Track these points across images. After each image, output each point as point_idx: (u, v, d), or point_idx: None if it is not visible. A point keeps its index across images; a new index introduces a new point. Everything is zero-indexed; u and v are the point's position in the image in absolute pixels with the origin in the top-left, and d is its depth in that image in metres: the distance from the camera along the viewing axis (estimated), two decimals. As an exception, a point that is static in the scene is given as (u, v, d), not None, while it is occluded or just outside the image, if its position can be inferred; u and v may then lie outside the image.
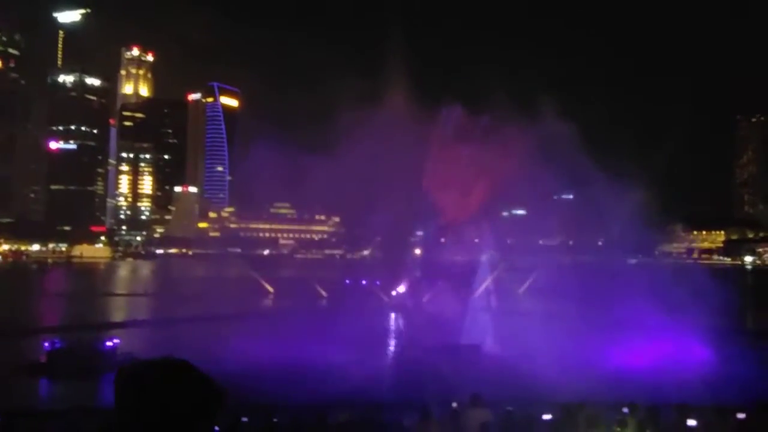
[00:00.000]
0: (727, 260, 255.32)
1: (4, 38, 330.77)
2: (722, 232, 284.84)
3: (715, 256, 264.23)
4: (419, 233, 76.10)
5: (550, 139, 48.78)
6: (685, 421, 14.37)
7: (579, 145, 48.81)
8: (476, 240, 62.87)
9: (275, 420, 15.80)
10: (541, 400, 18.21)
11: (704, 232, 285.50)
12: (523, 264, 63.93)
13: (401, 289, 59.73)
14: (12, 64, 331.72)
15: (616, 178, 49.57)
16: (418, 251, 73.21)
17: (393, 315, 56.38)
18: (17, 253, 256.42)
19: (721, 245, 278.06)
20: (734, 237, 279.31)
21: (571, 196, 69.71)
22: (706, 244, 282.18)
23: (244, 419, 15.27)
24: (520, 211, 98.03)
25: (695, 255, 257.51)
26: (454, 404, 16.14)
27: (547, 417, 15.57)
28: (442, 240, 75.55)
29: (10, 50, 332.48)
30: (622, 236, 53.72)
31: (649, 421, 14.11)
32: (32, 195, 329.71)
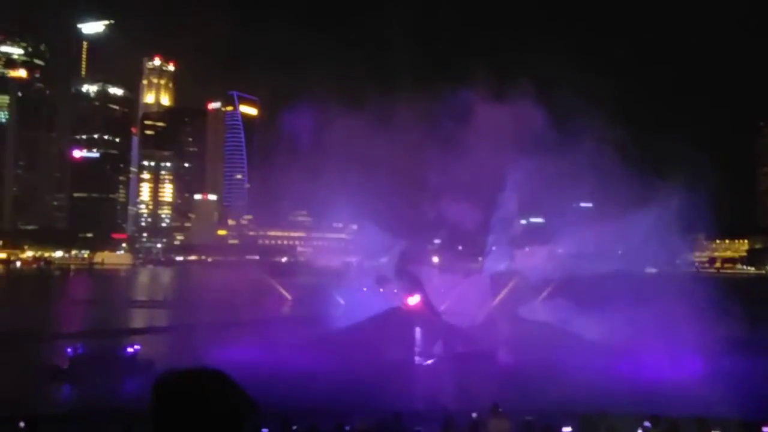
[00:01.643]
0: (751, 269, 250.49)
1: (30, 49, 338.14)
2: (745, 241, 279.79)
3: (738, 266, 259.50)
4: (436, 241, 75.87)
5: (571, 146, 48.38)
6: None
7: (601, 153, 48.33)
8: (493, 248, 62.51)
9: (294, 428, 15.87)
10: (559, 411, 18.05)
11: (727, 241, 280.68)
12: (542, 273, 63.37)
13: (417, 297, 59.50)
14: (37, 75, 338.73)
15: (636, 186, 49.03)
16: (435, 259, 72.96)
17: (408, 323, 56.13)
18: (35, 260, 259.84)
19: (745, 254, 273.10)
20: (758, 246, 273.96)
21: (590, 205, 69.03)
22: (728, 253, 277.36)
23: (264, 430, 15.36)
24: (539, 219, 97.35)
25: (718, 264, 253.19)
26: (474, 414, 16.08)
27: (567, 429, 15.44)
28: (460, 248, 75.06)
29: (36, 61, 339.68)
30: (642, 245, 53.02)
31: (670, 433, 13.93)
32: (56, 203, 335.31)
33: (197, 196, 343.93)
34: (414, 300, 49.98)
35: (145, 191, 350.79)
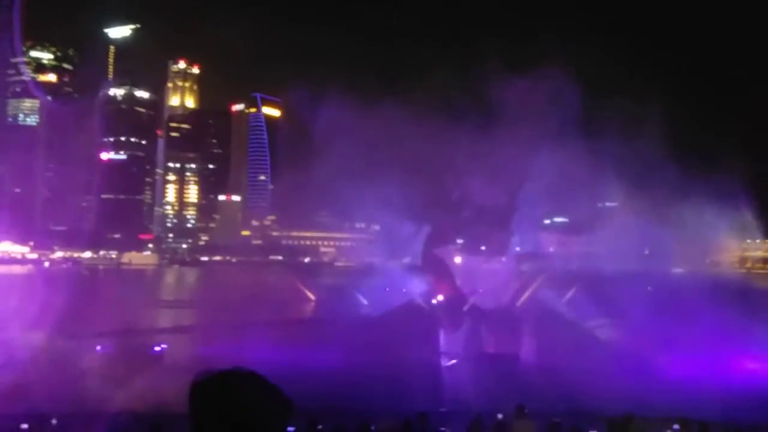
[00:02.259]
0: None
1: (59, 54, 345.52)
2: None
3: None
4: (459, 241, 75.59)
5: (599, 146, 47.82)
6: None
7: (629, 152, 47.66)
8: (517, 248, 62.06)
9: (320, 427, 15.97)
10: (586, 413, 17.85)
11: (758, 241, 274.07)
12: (566, 273, 62.78)
13: (441, 297, 59.34)
14: (66, 79, 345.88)
15: (664, 185, 48.27)
16: (458, 259, 72.72)
17: (434, 323, 56.07)
18: (64, 260, 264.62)
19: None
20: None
21: (616, 204, 68.17)
22: (759, 253, 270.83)
23: (291, 429, 15.48)
24: (562, 219, 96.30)
25: (748, 264, 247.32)
26: (500, 415, 16.00)
27: None
28: (483, 248, 74.73)
29: (65, 65, 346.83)
30: (669, 245, 52.15)
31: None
32: (84, 204, 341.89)
33: (221, 197, 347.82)
34: (440, 298, 49.88)
35: (171, 192, 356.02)
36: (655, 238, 54.13)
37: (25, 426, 20.00)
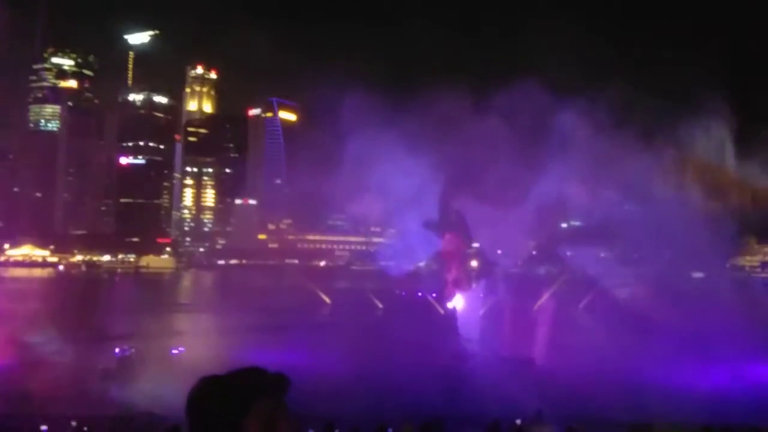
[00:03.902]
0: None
1: (79, 60, 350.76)
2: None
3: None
4: (475, 245, 75.22)
5: (615, 148, 47.29)
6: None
7: (648, 153, 47.09)
8: (533, 252, 61.55)
9: (336, 431, 15.96)
10: (606, 420, 17.64)
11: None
12: (584, 278, 62.19)
13: (457, 301, 59.09)
14: (87, 85, 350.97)
15: (684, 187, 47.61)
16: (474, 263, 72.37)
17: (448, 327, 55.82)
18: (81, 263, 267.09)
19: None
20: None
21: (635, 208, 67.32)
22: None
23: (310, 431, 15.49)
24: (578, 223, 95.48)
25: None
26: (518, 421, 15.87)
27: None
28: (499, 252, 74.32)
29: (85, 72, 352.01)
30: (689, 249, 51.34)
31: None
32: (103, 208, 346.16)
33: (238, 201, 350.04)
34: (453, 304, 49.61)
35: (188, 196, 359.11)
36: (675, 242, 53.36)
37: (44, 428, 20.24)
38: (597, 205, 55.29)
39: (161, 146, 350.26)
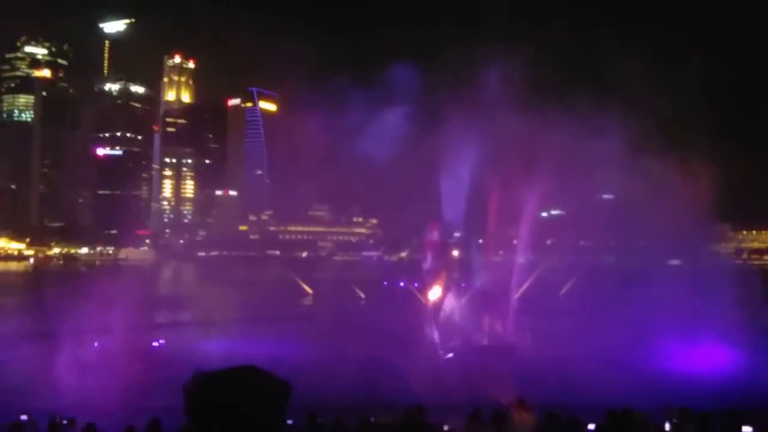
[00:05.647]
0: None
1: (53, 49, 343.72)
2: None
3: (766, 257, 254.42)
4: (457, 234, 75.53)
5: (593, 136, 47.54)
6: (740, 428, 13.89)
7: (625, 143, 47.46)
8: (514, 241, 61.94)
9: (319, 421, 15.95)
10: (584, 406, 17.88)
11: (754, 232, 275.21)
12: (564, 265, 62.93)
13: (438, 290, 59.40)
14: (61, 74, 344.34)
15: (659, 176, 48.21)
16: (456, 252, 72.67)
17: (429, 317, 56.17)
18: (56, 257, 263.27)
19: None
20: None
21: (612, 196, 68.08)
22: (755, 244, 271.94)
23: (289, 422, 15.46)
24: (559, 212, 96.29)
25: (744, 255, 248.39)
26: (498, 407, 15.99)
27: (592, 426, 15.26)
28: (480, 241, 74.60)
29: (60, 61, 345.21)
30: (665, 237, 52.12)
31: (702, 427, 13.67)
32: (81, 200, 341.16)
33: (218, 192, 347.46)
34: (435, 293, 49.83)
35: (168, 188, 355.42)
36: (650, 230, 54.09)
37: (24, 417, 19.96)
38: (572, 193, 55.77)
39: (139, 137, 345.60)
